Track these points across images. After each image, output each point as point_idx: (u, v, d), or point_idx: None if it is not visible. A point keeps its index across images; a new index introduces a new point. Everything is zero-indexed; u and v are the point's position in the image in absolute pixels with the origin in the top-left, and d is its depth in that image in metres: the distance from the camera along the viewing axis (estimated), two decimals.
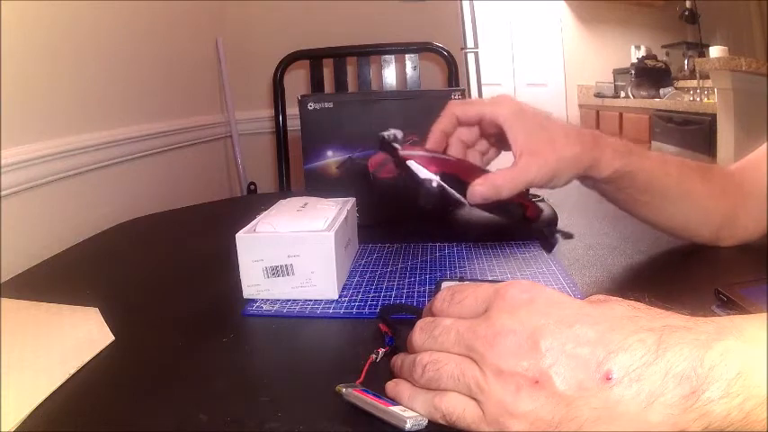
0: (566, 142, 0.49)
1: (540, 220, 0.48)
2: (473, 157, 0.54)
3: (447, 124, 0.52)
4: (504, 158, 0.53)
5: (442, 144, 0.52)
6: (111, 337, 0.46)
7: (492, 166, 0.54)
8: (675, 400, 0.25)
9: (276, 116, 1.32)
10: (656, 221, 0.60)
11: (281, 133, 1.32)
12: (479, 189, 0.47)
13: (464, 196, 0.47)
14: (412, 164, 0.48)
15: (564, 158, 0.48)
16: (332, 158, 0.77)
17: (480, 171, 0.50)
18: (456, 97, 0.78)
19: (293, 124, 0.93)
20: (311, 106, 0.76)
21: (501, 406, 0.28)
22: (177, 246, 0.77)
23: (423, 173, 0.48)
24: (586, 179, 0.53)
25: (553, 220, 0.71)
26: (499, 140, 0.53)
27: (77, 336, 0.47)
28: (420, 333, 0.33)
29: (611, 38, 4.21)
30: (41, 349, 0.44)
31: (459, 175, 0.49)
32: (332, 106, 0.77)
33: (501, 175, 0.48)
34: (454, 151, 0.53)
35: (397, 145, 0.49)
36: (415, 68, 1.30)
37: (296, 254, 0.51)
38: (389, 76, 1.33)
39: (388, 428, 0.31)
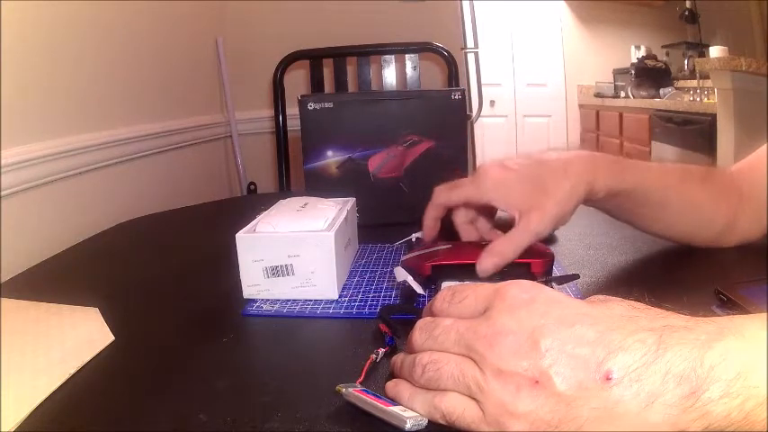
0: (557, 185, 0.49)
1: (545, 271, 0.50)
2: (483, 228, 0.57)
3: (435, 213, 0.56)
4: None
5: (435, 230, 0.56)
6: (111, 337, 0.46)
7: None
8: (675, 401, 0.25)
9: (276, 116, 1.32)
10: (656, 231, 0.61)
11: (281, 133, 1.32)
12: (487, 262, 0.48)
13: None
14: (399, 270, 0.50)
15: (560, 201, 0.49)
16: (332, 158, 0.77)
17: (478, 245, 0.50)
18: (456, 97, 0.78)
19: (293, 124, 0.93)
20: (311, 106, 0.76)
21: (501, 406, 0.28)
22: (177, 246, 0.77)
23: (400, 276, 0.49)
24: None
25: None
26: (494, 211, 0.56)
27: (77, 336, 0.47)
28: (420, 333, 0.33)
29: (611, 38, 4.21)
30: (41, 349, 0.44)
31: (463, 258, 0.50)
32: (332, 106, 0.77)
33: (503, 241, 0.49)
34: (464, 234, 0.56)
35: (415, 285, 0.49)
36: (415, 68, 1.30)
37: (296, 254, 0.51)
38: (389, 76, 1.33)
39: (388, 428, 0.31)
